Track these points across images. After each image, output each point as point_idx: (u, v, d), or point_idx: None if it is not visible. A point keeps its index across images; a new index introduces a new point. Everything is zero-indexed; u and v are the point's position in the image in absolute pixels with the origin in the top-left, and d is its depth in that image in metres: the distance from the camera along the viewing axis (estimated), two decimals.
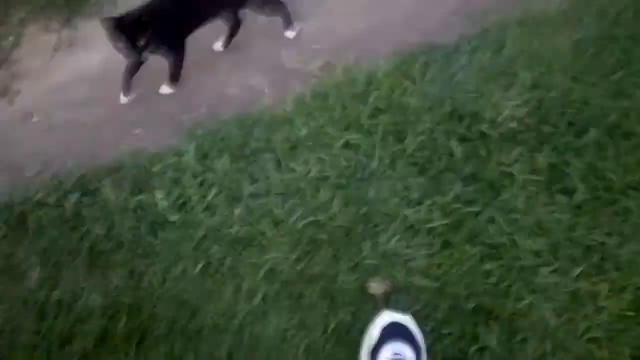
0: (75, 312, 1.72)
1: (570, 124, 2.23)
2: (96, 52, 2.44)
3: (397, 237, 1.92)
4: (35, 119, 2.25)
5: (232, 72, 2.42)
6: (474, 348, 1.70)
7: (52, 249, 1.83)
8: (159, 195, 1.92)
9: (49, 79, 2.39)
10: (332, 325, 1.73)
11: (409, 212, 1.97)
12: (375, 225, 1.95)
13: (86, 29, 2.54)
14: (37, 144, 2.16)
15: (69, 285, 1.75)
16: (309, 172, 2.03)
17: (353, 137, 2.12)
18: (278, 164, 2.06)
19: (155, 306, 1.74)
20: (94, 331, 1.67)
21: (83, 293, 1.74)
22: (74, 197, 1.91)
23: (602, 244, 1.94)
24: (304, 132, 2.13)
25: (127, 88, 2.28)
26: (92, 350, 1.66)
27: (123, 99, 2.29)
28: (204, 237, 1.88)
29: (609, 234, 1.96)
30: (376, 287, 1.75)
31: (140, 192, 1.95)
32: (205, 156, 2.04)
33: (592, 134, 2.20)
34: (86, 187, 1.96)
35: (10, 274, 1.79)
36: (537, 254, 1.92)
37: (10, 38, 2.47)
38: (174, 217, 1.90)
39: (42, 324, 1.69)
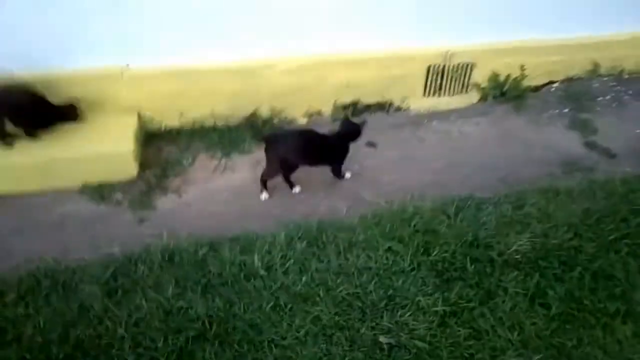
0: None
1: (562, 263, 2.95)
2: (239, 175, 3.68)
3: (409, 313, 2.72)
4: (192, 208, 3.43)
5: (327, 197, 3.50)
6: None
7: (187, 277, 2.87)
8: (256, 257, 2.93)
9: (206, 186, 3.59)
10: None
11: (421, 298, 2.76)
12: (396, 303, 2.76)
13: (237, 160, 3.80)
14: (191, 223, 3.31)
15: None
16: (357, 262, 2.94)
17: (394, 245, 3.02)
18: (339, 254, 2.99)
19: (237, 325, 2.66)
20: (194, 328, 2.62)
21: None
22: (204, 250, 2.98)
23: (563, 344, 2.58)
24: (361, 237, 3.07)
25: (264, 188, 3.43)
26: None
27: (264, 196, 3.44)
28: (279, 288, 2.82)
29: (570, 339, 2.61)
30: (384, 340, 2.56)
31: (247, 253, 2.97)
32: (291, 239, 3.04)
33: (577, 271, 2.90)
34: (214, 246, 3.02)
35: None
36: (510, 341, 2.60)
37: (190, 159, 3.77)
38: (263, 273, 2.88)
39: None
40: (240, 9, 3.62)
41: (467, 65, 4.22)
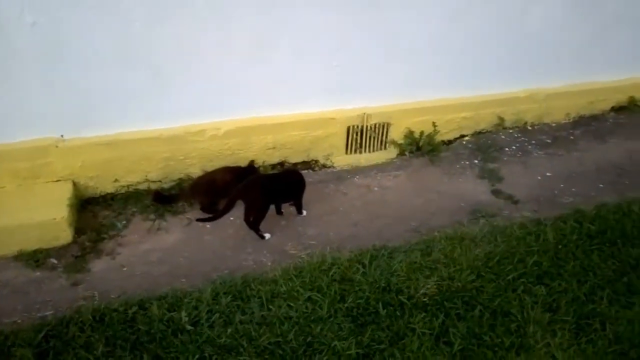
0: None
1: (465, 302, 3.24)
2: (172, 235, 3.89)
3: (326, 357, 2.94)
4: (125, 269, 3.61)
5: (254, 252, 3.74)
6: None
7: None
8: (183, 313, 3.12)
9: (139, 247, 3.78)
10: None
11: (337, 343, 2.99)
12: (314, 349, 2.98)
13: (171, 221, 4.01)
14: (123, 284, 3.48)
15: None
16: (280, 312, 3.17)
17: (314, 294, 3.26)
18: (262, 305, 3.21)
19: None
20: None
21: None
22: (134, 309, 3.16)
23: None
24: (283, 288, 3.30)
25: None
26: None
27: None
28: (205, 341, 3.01)
29: None
30: None
31: (174, 310, 3.16)
32: (217, 294, 3.25)
33: (478, 310, 3.20)
34: (144, 304, 3.20)
35: None
36: None
37: (124, 222, 3.96)
38: (189, 327, 3.07)
39: None
40: (170, 81, 3.93)
41: (384, 124, 4.61)
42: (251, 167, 4.12)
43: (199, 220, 3.75)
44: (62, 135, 3.89)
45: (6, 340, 2.97)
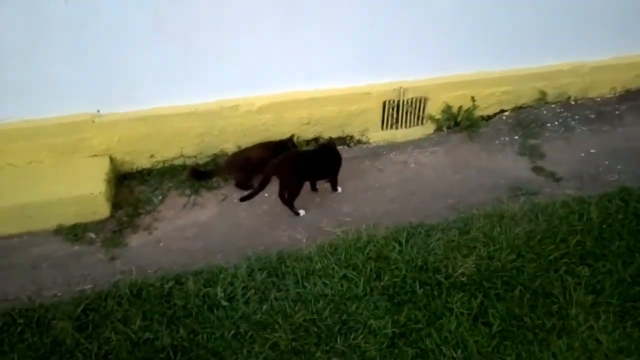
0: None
1: (505, 283, 3.16)
2: (207, 211, 3.89)
3: (361, 336, 2.92)
4: (161, 244, 3.63)
5: (288, 228, 3.72)
6: None
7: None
8: (219, 289, 3.13)
9: (175, 223, 3.80)
10: None
11: (373, 322, 2.96)
12: (349, 327, 2.96)
13: (206, 197, 4.02)
14: (159, 259, 3.51)
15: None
16: (314, 289, 3.15)
17: (349, 272, 3.23)
18: (297, 282, 3.19)
19: (199, 353, 2.86)
20: None
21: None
22: (170, 284, 3.18)
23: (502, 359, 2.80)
24: (318, 266, 3.28)
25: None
26: None
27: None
28: (240, 317, 3.02)
29: (509, 355, 2.82)
30: None
31: (210, 286, 3.17)
32: (252, 270, 3.25)
33: (518, 290, 3.12)
34: (180, 280, 3.22)
35: None
36: (454, 359, 2.81)
37: (160, 197, 3.98)
38: (225, 303, 3.08)
39: None
40: (203, 56, 3.89)
41: (421, 99, 4.50)
42: (285, 143, 4.07)
43: (241, 199, 3.72)
44: (98, 111, 3.91)
45: (47, 313, 3.03)
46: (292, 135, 4.14)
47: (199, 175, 4.04)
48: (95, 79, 3.76)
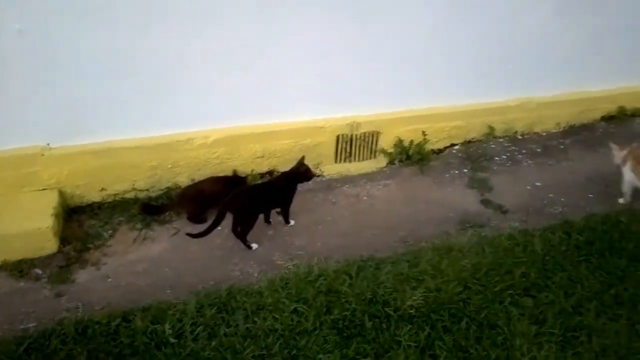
0: None
1: (452, 315, 3.22)
2: (158, 245, 3.86)
3: None
4: (110, 280, 3.58)
5: (240, 262, 3.72)
6: None
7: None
8: (167, 326, 3.09)
9: (125, 258, 3.74)
10: None
11: (322, 356, 2.97)
12: None
13: (158, 230, 3.98)
14: (107, 295, 3.45)
15: None
16: (265, 324, 3.14)
17: (300, 306, 3.24)
18: (247, 317, 3.18)
19: None
20: None
21: None
22: (117, 321, 3.13)
23: None
24: (269, 300, 3.28)
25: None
26: None
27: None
28: (188, 354, 2.98)
29: None
30: None
31: (158, 322, 3.13)
32: (202, 306, 3.22)
33: (464, 322, 3.18)
34: (127, 317, 3.17)
35: None
36: None
37: (110, 231, 3.93)
38: (173, 340, 3.04)
39: None
40: (158, 88, 3.91)
41: (373, 133, 4.60)
42: (237, 177, 4.10)
43: (189, 235, 3.69)
44: (48, 144, 3.86)
45: None
46: (235, 170, 4.21)
47: (151, 209, 4.01)
48: (46, 111, 3.73)
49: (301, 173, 3.93)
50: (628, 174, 4.10)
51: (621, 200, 4.24)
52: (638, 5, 4.95)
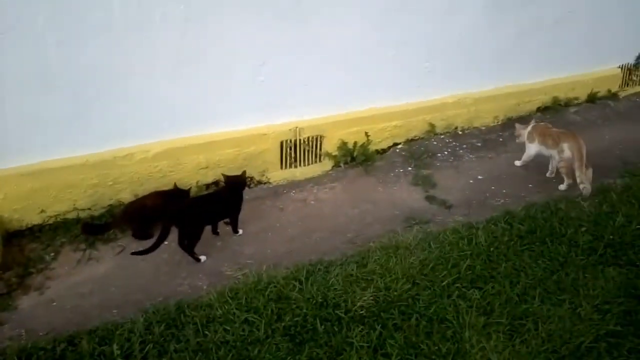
0: None
1: (402, 312, 3.25)
2: (104, 265, 3.77)
3: None
4: (54, 304, 3.48)
5: (189, 276, 3.67)
6: None
7: None
8: (115, 347, 3.02)
9: (70, 280, 3.64)
10: None
11: None
12: None
13: (102, 250, 3.90)
14: (52, 319, 3.35)
15: None
16: (215, 337, 3.11)
17: (251, 316, 3.22)
18: (197, 331, 3.14)
19: None
20: None
21: None
22: (62, 346, 3.04)
23: None
24: (219, 312, 3.24)
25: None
26: None
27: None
28: None
29: None
30: None
31: (105, 344, 3.06)
32: (150, 324, 3.17)
33: (414, 318, 3.23)
34: (73, 340, 3.08)
35: None
36: None
37: (52, 254, 3.81)
38: None
39: None
40: (92, 104, 3.83)
41: (317, 137, 4.62)
42: (180, 190, 4.05)
43: (135, 253, 3.62)
44: None
45: None
46: (175, 184, 4.15)
47: (93, 229, 3.92)
48: None
49: (243, 180, 3.90)
50: (535, 148, 4.51)
51: (561, 187, 4.40)
52: None
